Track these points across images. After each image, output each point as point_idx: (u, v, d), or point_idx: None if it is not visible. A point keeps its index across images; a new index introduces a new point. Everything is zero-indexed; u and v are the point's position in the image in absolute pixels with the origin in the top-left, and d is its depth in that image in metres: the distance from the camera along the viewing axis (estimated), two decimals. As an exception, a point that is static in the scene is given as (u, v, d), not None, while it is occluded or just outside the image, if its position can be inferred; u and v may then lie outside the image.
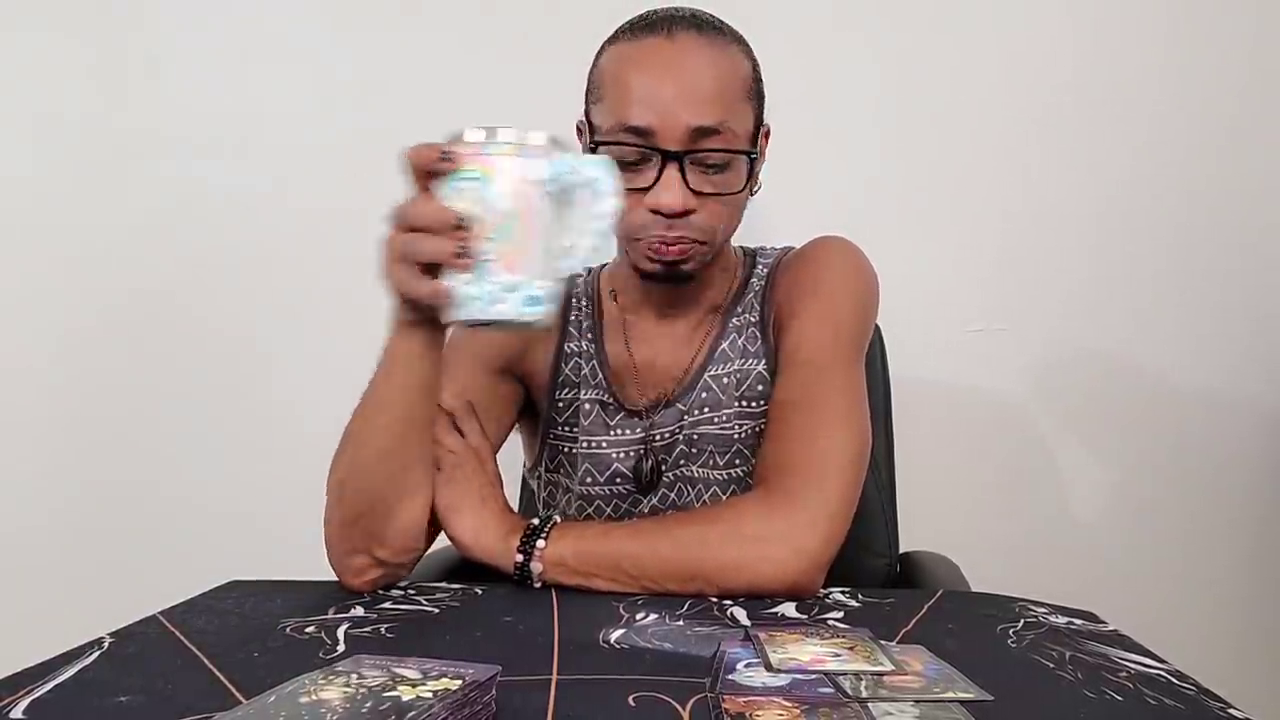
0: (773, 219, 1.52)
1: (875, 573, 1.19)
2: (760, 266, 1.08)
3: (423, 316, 0.78)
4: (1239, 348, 1.60)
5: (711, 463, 1.01)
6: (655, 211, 0.91)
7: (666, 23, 0.93)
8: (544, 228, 0.72)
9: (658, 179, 0.89)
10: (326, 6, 1.62)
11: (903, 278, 1.56)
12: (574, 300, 1.10)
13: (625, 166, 0.89)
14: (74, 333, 1.66)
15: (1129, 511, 1.61)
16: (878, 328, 1.27)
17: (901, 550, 1.23)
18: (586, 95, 0.98)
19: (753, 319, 1.04)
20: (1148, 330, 1.60)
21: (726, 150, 0.91)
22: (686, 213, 0.91)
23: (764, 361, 1.01)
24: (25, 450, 1.65)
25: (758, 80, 0.97)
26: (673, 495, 1.03)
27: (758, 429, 0.99)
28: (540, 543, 0.85)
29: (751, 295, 1.05)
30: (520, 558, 0.86)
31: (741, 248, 1.11)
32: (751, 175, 0.97)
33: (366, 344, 1.65)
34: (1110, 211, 1.59)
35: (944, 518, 1.44)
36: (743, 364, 1.02)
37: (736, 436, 1.01)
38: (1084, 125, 1.58)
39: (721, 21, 0.98)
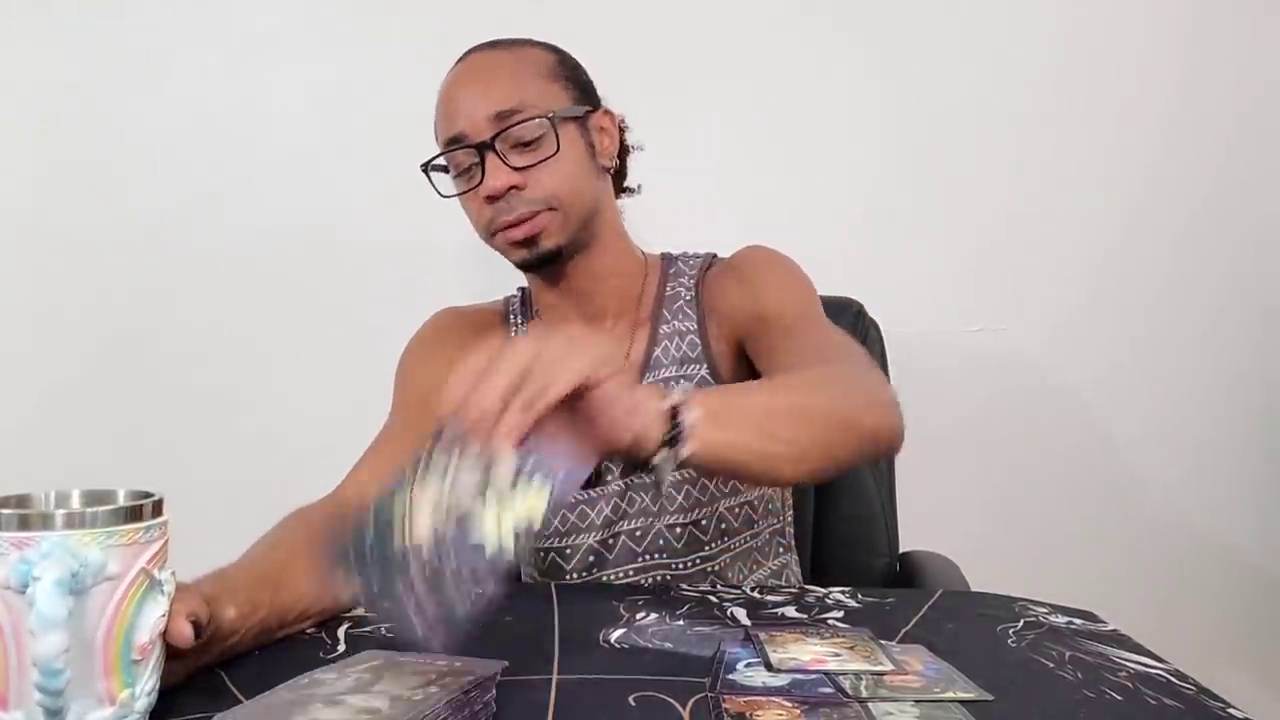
0: (774, 218, 1.53)
1: (875, 572, 1.19)
2: (683, 275, 1.09)
3: None
4: (1240, 347, 1.60)
5: None
6: (491, 199, 0.96)
7: (465, 54, 1.03)
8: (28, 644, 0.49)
9: (483, 173, 0.96)
10: (327, 6, 1.62)
11: (903, 278, 1.57)
12: (511, 318, 1.12)
13: (460, 176, 1.00)
14: (72, 333, 1.65)
15: (1130, 512, 1.61)
16: (877, 327, 1.27)
17: (901, 550, 1.23)
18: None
19: (688, 326, 1.05)
20: (1147, 330, 1.60)
21: (526, 121, 0.95)
22: (514, 188, 0.96)
23: (706, 366, 1.03)
24: (21, 451, 1.64)
25: (566, 66, 1.03)
26: (624, 505, 1.03)
27: None
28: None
29: (680, 304, 1.07)
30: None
31: (661, 254, 1.12)
32: (584, 129, 1.00)
33: (364, 342, 1.65)
34: (1110, 211, 1.59)
35: (944, 518, 1.44)
36: (683, 370, 1.04)
37: None
38: (1085, 126, 1.58)
39: (526, 39, 1.04)
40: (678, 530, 1.02)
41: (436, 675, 0.55)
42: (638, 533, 1.03)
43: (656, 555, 1.03)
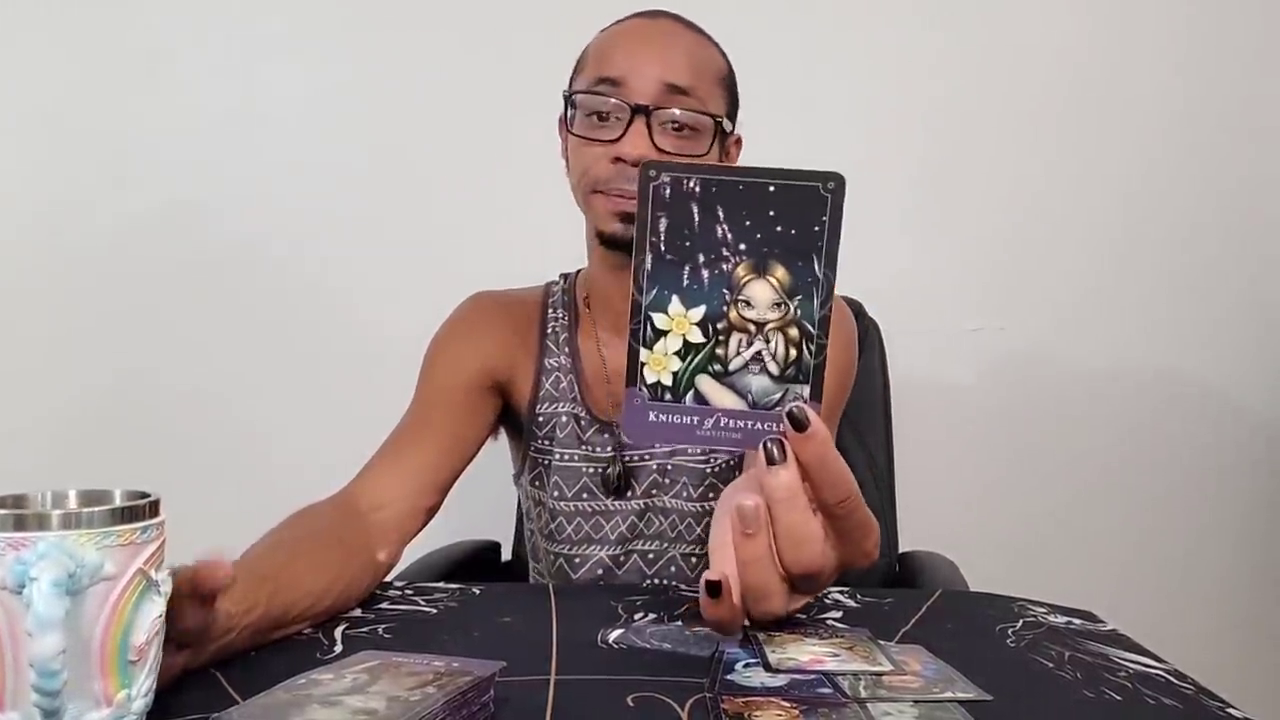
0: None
1: (874, 572, 1.19)
2: None
3: None
4: (1240, 347, 1.60)
5: (685, 494, 1.00)
6: (619, 161, 0.92)
7: (652, 12, 0.99)
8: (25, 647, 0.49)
9: (625, 132, 0.92)
10: (328, 7, 1.62)
11: (902, 277, 1.57)
12: (550, 310, 1.09)
13: (596, 118, 0.94)
14: (71, 332, 1.65)
15: (1129, 511, 1.61)
16: (877, 326, 1.27)
17: (901, 550, 1.23)
18: (571, 77, 1.00)
19: None
20: (1147, 329, 1.60)
21: (694, 111, 0.93)
22: None
23: None
24: (19, 450, 1.64)
25: (733, 79, 1.01)
26: (641, 525, 1.02)
27: (731, 462, 0.99)
28: None
29: None
30: None
31: None
32: (723, 149, 0.98)
33: (367, 342, 1.65)
34: (1110, 211, 1.59)
35: (943, 517, 1.44)
36: None
37: (710, 471, 1.00)
38: (1085, 125, 1.58)
39: (708, 34, 1.01)
40: (693, 560, 1.01)
41: (434, 676, 0.55)
42: (650, 555, 1.02)
43: (667, 580, 1.01)
